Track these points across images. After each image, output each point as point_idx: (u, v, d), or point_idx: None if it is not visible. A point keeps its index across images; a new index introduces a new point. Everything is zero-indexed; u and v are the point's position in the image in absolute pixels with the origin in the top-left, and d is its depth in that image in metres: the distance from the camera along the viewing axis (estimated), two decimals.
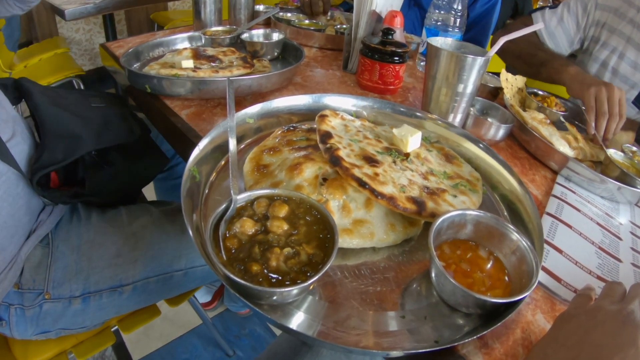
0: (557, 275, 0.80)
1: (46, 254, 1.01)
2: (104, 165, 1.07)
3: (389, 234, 0.73)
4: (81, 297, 1.01)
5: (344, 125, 0.92)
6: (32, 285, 0.97)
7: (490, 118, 1.19)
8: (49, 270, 0.99)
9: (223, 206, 0.65)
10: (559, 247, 0.86)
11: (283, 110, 0.99)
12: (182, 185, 0.71)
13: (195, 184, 0.76)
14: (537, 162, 1.12)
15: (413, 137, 0.90)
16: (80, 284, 1.00)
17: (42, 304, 0.98)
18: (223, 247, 0.62)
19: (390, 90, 1.27)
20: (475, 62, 0.96)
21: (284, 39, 1.36)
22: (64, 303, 0.99)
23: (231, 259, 0.62)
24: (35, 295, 0.97)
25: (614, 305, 0.60)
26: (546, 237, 0.87)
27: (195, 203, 0.74)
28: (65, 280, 0.99)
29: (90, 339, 1.09)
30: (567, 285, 0.78)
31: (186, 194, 0.71)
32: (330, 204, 0.73)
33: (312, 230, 0.65)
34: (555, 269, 0.81)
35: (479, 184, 0.90)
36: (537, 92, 1.37)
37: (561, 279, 0.79)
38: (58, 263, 1.00)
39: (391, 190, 0.74)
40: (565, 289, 0.78)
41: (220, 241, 0.62)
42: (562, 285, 0.78)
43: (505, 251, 0.71)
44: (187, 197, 0.71)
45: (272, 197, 0.68)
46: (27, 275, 0.97)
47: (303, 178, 0.76)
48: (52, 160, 0.94)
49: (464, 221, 0.72)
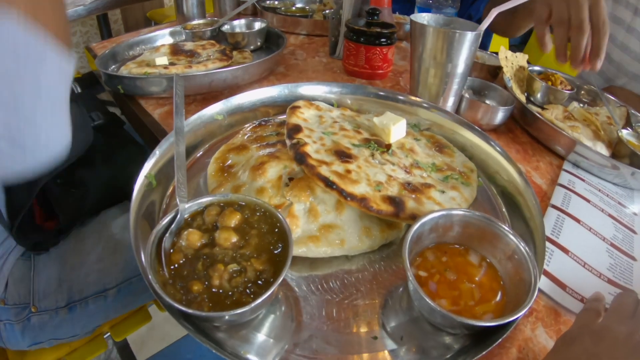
0: (561, 281, 0.66)
1: (28, 267, 0.95)
2: (71, 189, 0.98)
3: (363, 239, 0.60)
4: (67, 306, 0.95)
5: (319, 116, 0.79)
6: (18, 299, 0.92)
7: (488, 100, 1.03)
8: (32, 283, 0.93)
9: (169, 217, 0.54)
10: (564, 246, 0.72)
11: (256, 104, 0.86)
12: (134, 196, 0.60)
13: (153, 191, 0.65)
14: (541, 147, 0.96)
15: (396, 125, 0.76)
16: (64, 294, 0.94)
17: (30, 317, 0.92)
18: (166, 263, 0.51)
19: (378, 75, 1.12)
20: (465, 38, 0.81)
21: (266, 28, 1.22)
22: (51, 314, 0.94)
23: (174, 277, 0.51)
24: (22, 309, 0.92)
25: (624, 326, 0.47)
26: (550, 234, 0.73)
27: (150, 213, 0.63)
28: (49, 292, 0.93)
29: (84, 346, 1.03)
30: (572, 293, 0.64)
31: (137, 206, 0.60)
32: (295, 207, 0.61)
33: (265, 241, 0.53)
34: (560, 273, 0.67)
35: (473, 176, 0.76)
36: (540, 70, 1.19)
37: (566, 285, 0.65)
38: (41, 275, 0.94)
39: (364, 189, 0.61)
40: (570, 297, 0.64)
41: (162, 256, 0.51)
42: (567, 292, 0.64)
43: (500, 256, 0.58)
44: (138, 208, 0.61)
45: (224, 204, 0.56)
46: (12, 290, 0.92)
47: (266, 179, 0.64)
48: (20, 203, 0.88)
49: (450, 222, 0.59)
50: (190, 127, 0.76)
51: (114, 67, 1.08)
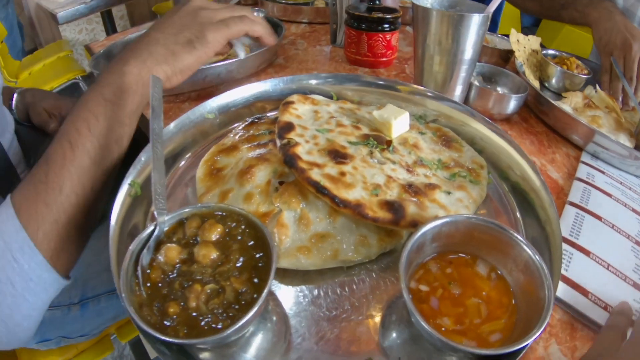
0: (583, 287, 0.57)
1: None
2: None
3: (359, 249, 0.53)
4: (79, 303, 0.93)
5: (314, 111, 0.71)
6: None
7: (499, 87, 0.93)
8: None
9: (147, 231, 0.48)
10: (585, 247, 0.63)
11: (250, 99, 0.79)
12: (115, 205, 0.55)
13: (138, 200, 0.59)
14: (557, 137, 0.86)
15: (398, 119, 0.68)
16: (78, 290, 0.92)
17: None
18: (144, 281, 0.46)
19: (382, 63, 1.02)
20: (471, 21, 0.71)
21: (264, 17, 1.13)
22: (63, 310, 0.91)
23: (152, 297, 0.45)
24: None
25: None
26: (569, 235, 0.64)
27: (135, 224, 0.58)
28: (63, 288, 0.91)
29: (91, 348, 1.01)
30: (596, 300, 0.56)
31: (120, 217, 0.55)
32: (284, 215, 0.54)
33: (248, 256, 0.46)
34: (581, 278, 0.58)
35: (483, 173, 0.67)
36: (554, 54, 1.07)
37: (589, 291, 0.57)
38: None
39: (359, 194, 0.53)
40: (594, 305, 0.55)
41: (139, 274, 0.46)
42: (589, 300, 0.56)
43: (511, 267, 0.50)
44: (121, 220, 0.55)
45: (205, 215, 0.50)
46: None
47: (254, 184, 0.57)
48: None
49: (454, 229, 0.51)
50: (178, 127, 0.69)
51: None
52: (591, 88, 0.99)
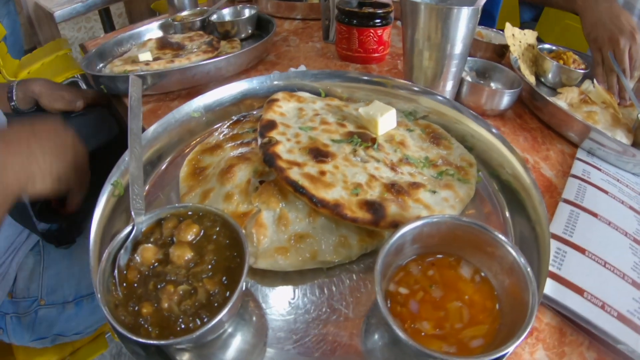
0: (577, 286, 0.55)
1: (38, 262, 0.93)
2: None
3: (339, 250, 0.51)
4: (74, 301, 0.93)
5: (299, 109, 0.69)
6: (27, 293, 0.90)
7: (492, 82, 0.90)
8: (41, 277, 0.91)
9: (125, 231, 0.47)
10: (579, 244, 0.61)
11: (237, 97, 0.77)
12: (98, 205, 0.54)
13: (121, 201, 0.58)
14: (552, 134, 0.83)
15: (384, 116, 0.66)
16: (72, 289, 0.92)
17: (37, 310, 0.90)
18: (121, 282, 0.45)
19: (374, 59, 1.00)
20: (461, 14, 0.68)
21: (256, 14, 1.12)
22: (58, 308, 0.92)
23: (128, 297, 0.44)
24: (30, 303, 0.90)
25: None
26: (562, 232, 0.62)
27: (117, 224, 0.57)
28: (58, 286, 0.91)
29: (86, 346, 1.01)
30: (591, 299, 0.54)
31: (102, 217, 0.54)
32: (263, 215, 0.52)
33: (222, 257, 0.45)
34: (576, 276, 0.56)
35: (472, 171, 0.65)
36: (551, 48, 1.04)
37: (584, 289, 0.55)
38: (50, 270, 0.92)
39: (338, 194, 0.52)
40: (589, 303, 0.53)
41: (116, 273, 0.45)
42: (585, 298, 0.54)
43: (496, 269, 0.48)
44: (105, 220, 0.54)
45: (182, 216, 0.49)
46: (21, 285, 0.90)
47: (234, 183, 0.56)
48: None
49: (436, 230, 0.49)
50: (164, 127, 0.68)
51: (101, 66, 1.01)
52: (589, 82, 0.95)
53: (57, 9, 1.51)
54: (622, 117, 0.85)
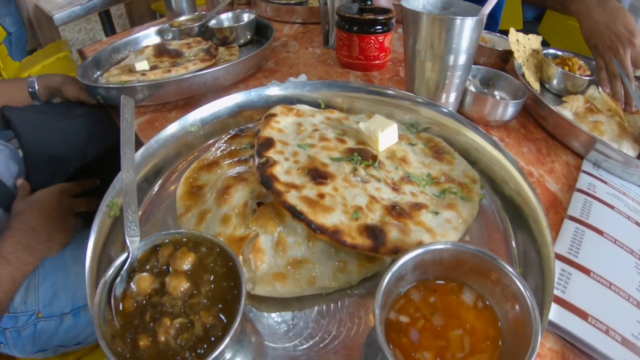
0: (582, 310, 0.54)
1: (33, 275, 0.92)
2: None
3: (338, 276, 0.50)
4: (71, 312, 0.92)
5: (297, 124, 0.67)
6: (24, 307, 0.90)
7: (496, 91, 0.87)
8: (37, 291, 0.91)
9: (120, 259, 0.46)
10: (585, 265, 0.59)
11: (234, 109, 0.75)
12: (93, 228, 0.52)
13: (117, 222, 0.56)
14: (557, 144, 0.81)
15: (385, 131, 0.64)
16: (69, 300, 0.91)
17: (36, 323, 0.90)
18: (115, 311, 0.44)
19: (375, 66, 0.98)
20: (465, 25, 0.66)
21: (255, 19, 1.09)
22: (56, 320, 0.91)
23: (125, 327, 0.43)
24: (28, 316, 0.90)
25: None
26: (567, 252, 0.60)
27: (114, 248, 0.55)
28: (54, 299, 0.91)
29: (88, 355, 1.00)
30: (596, 323, 0.52)
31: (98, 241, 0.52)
32: (261, 240, 0.51)
33: (219, 288, 0.44)
34: (580, 299, 0.55)
35: (476, 188, 0.63)
36: (556, 53, 1.01)
37: (588, 314, 0.53)
38: (45, 282, 0.91)
39: (338, 218, 0.50)
40: (593, 328, 0.52)
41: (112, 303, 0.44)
42: (589, 323, 0.52)
43: (499, 296, 0.46)
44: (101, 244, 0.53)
45: (177, 243, 0.48)
46: (18, 299, 0.89)
47: (231, 206, 0.54)
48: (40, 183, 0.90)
49: (439, 258, 0.48)
50: (160, 143, 0.66)
51: (98, 74, 0.99)
52: (594, 89, 0.93)
53: (56, 12, 1.48)
54: (628, 126, 0.82)
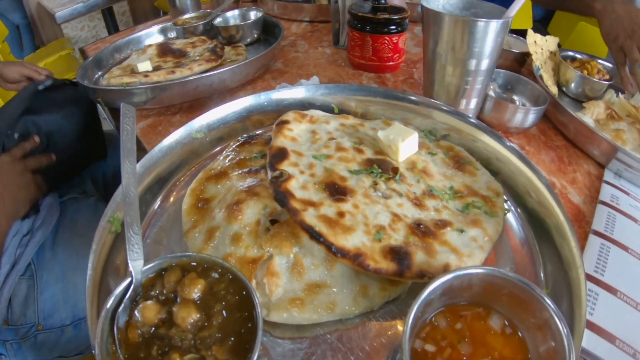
0: (609, 332, 0.50)
1: (32, 287, 0.89)
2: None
3: (359, 301, 0.46)
4: (72, 324, 0.89)
5: (311, 131, 0.63)
6: (24, 320, 0.87)
7: (515, 95, 0.83)
8: (36, 302, 0.88)
9: (123, 285, 0.42)
10: (611, 285, 0.56)
11: (242, 114, 0.71)
12: (93, 246, 0.48)
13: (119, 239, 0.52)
14: (578, 152, 0.77)
15: (405, 141, 0.59)
16: (69, 312, 0.88)
17: (37, 335, 0.87)
18: (119, 342, 0.40)
19: (388, 67, 0.93)
20: (489, 28, 0.61)
21: (262, 18, 1.04)
22: (57, 332, 0.88)
23: (130, 359, 0.39)
24: (28, 328, 0.87)
25: None
26: (594, 271, 0.57)
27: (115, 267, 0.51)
28: (54, 310, 0.88)
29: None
30: (624, 347, 0.49)
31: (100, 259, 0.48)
32: (275, 262, 0.47)
33: (232, 319, 0.40)
34: (607, 321, 0.51)
35: (499, 202, 0.59)
36: (574, 56, 0.96)
37: (616, 337, 0.50)
38: (45, 294, 0.88)
39: (359, 240, 0.46)
40: (621, 352, 0.48)
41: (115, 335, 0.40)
42: (616, 346, 0.49)
43: (529, 323, 0.43)
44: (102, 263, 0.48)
45: (185, 267, 0.44)
46: (17, 311, 0.86)
47: (242, 223, 0.50)
48: None
49: (467, 283, 0.44)
50: (163, 152, 0.62)
51: (99, 75, 0.94)
52: (612, 93, 0.89)
53: (58, 9, 1.43)
54: None
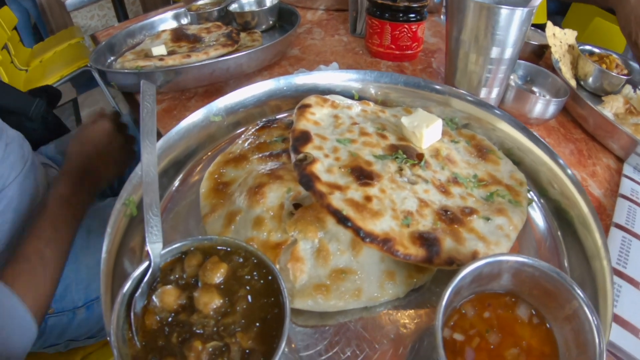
0: (633, 325, 0.49)
1: None
2: None
3: (385, 287, 0.44)
4: (84, 306, 0.87)
5: (334, 116, 0.60)
6: None
7: (535, 87, 0.81)
8: None
9: (140, 268, 0.40)
10: (634, 277, 0.54)
11: (261, 98, 0.69)
12: (108, 229, 0.46)
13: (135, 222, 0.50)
14: (597, 145, 0.75)
15: (429, 128, 0.57)
16: (81, 293, 0.86)
17: (48, 319, 0.85)
18: (136, 329, 0.38)
19: (407, 56, 0.90)
20: (514, 16, 0.59)
21: (278, 4, 1.01)
22: (69, 315, 0.86)
23: (147, 348, 0.37)
24: None
25: None
26: (616, 264, 0.55)
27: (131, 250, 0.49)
28: (67, 292, 0.85)
29: (97, 351, 0.95)
30: None
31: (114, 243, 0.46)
32: (300, 246, 0.45)
33: (257, 305, 0.38)
34: (631, 314, 0.50)
35: (523, 191, 0.56)
36: (592, 50, 0.94)
37: (639, 329, 0.48)
38: None
39: (388, 225, 0.44)
40: None
41: (132, 321, 0.38)
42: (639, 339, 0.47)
43: (557, 313, 0.41)
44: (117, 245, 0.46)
45: (207, 250, 0.41)
46: None
47: (265, 207, 0.48)
48: None
49: (497, 271, 0.42)
50: (180, 134, 0.60)
51: (112, 60, 0.91)
52: (629, 88, 0.86)
53: None
54: None
